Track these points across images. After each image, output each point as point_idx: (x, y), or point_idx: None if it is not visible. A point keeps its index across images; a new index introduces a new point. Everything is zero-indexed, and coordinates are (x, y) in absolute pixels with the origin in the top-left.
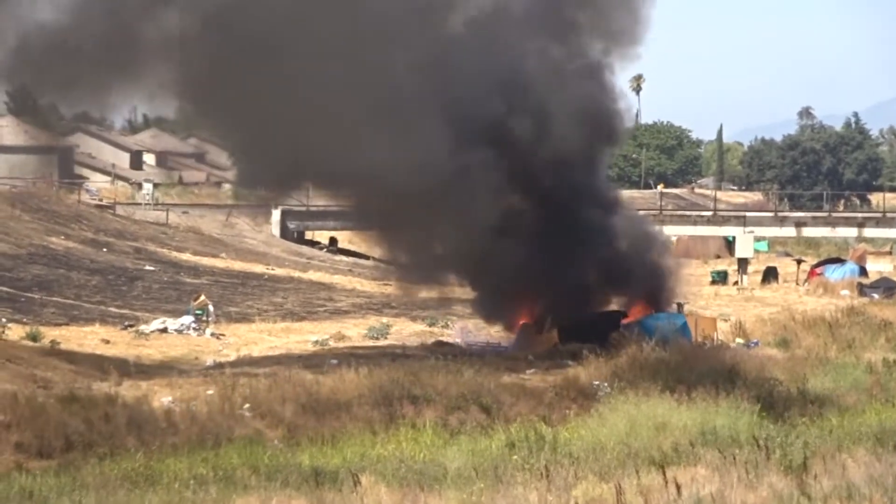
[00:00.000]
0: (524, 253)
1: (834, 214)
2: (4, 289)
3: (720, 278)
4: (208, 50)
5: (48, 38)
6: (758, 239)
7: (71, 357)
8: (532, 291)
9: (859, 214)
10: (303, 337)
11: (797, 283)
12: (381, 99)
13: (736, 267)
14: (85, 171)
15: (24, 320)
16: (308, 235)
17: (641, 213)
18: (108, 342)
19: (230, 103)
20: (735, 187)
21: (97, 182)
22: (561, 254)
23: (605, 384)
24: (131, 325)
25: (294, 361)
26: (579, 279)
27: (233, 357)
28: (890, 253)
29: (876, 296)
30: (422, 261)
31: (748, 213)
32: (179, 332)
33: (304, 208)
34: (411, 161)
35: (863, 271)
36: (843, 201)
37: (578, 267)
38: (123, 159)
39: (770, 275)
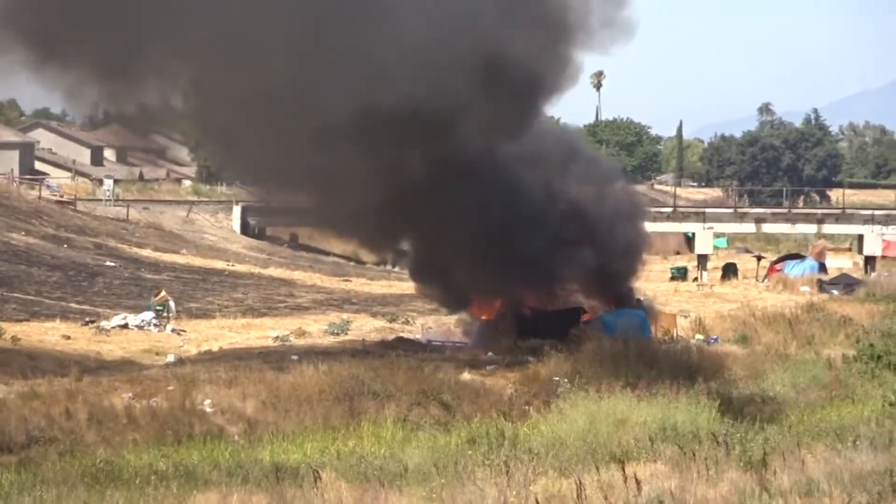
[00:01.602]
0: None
1: (793, 211)
2: None
3: (680, 274)
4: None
5: None
6: (717, 235)
7: (31, 353)
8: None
9: (819, 211)
10: (263, 333)
11: (757, 280)
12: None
13: (695, 263)
14: (45, 167)
15: None
16: (269, 231)
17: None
18: (68, 338)
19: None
20: (695, 184)
21: (58, 178)
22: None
23: (566, 380)
24: (92, 321)
25: (255, 357)
26: (539, 274)
27: (193, 353)
28: (849, 249)
29: (835, 292)
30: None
31: (708, 210)
32: (140, 327)
33: (264, 204)
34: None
35: (822, 268)
36: (802, 197)
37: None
38: (84, 155)
39: (730, 271)
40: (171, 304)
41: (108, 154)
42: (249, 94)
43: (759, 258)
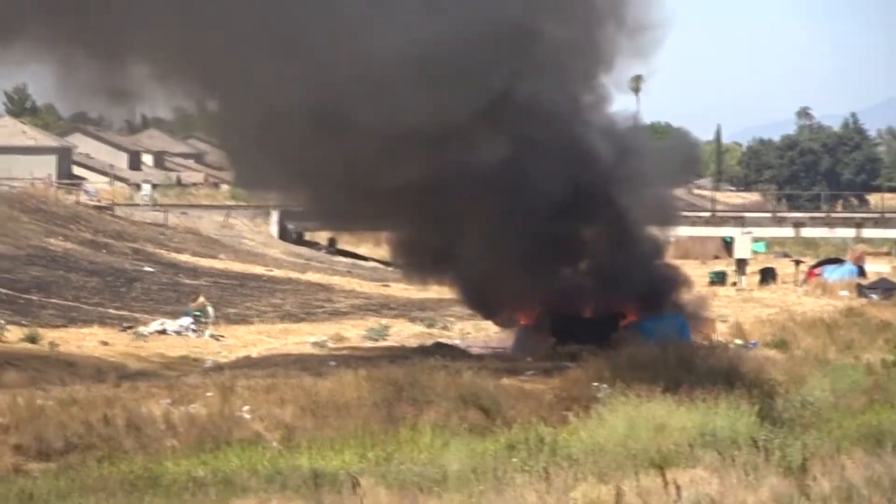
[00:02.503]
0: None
1: (832, 215)
2: (3, 290)
3: (718, 279)
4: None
5: None
6: (756, 240)
7: (70, 359)
8: (527, 291)
9: (857, 215)
10: (301, 338)
11: (795, 284)
12: None
13: (734, 268)
14: (83, 172)
15: (23, 322)
16: (307, 236)
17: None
18: (106, 344)
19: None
20: (733, 188)
21: (95, 183)
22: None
23: (605, 385)
24: (130, 327)
25: (293, 363)
26: (575, 280)
27: (232, 358)
28: (888, 254)
29: (874, 296)
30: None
31: (746, 214)
32: (178, 333)
33: (302, 209)
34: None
35: (861, 272)
36: (841, 202)
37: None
38: (121, 160)
39: (768, 275)
40: (210, 309)
41: (146, 159)
42: (267, 105)
43: (797, 262)
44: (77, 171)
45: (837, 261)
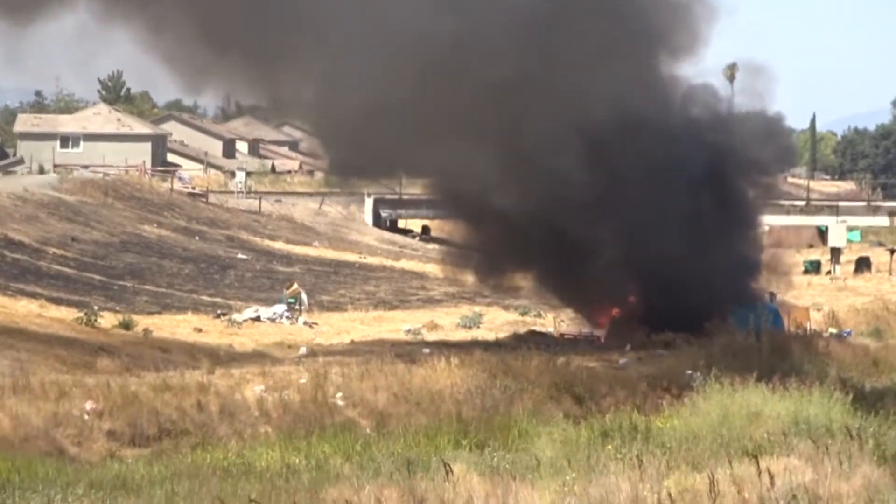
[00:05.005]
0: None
1: None
2: (97, 277)
3: (813, 268)
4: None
5: None
6: (850, 229)
7: (163, 345)
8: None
9: None
10: (395, 326)
11: (890, 273)
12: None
13: (829, 256)
14: (177, 159)
15: (117, 308)
16: (401, 224)
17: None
18: (200, 330)
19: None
20: (828, 177)
21: (189, 170)
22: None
23: (698, 373)
24: (224, 314)
25: (386, 350)
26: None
27: (325, 345)
28: None
29: None
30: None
31: (841, 203)
32: (272, 320)
33: (396, 197)
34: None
35: None
36: None
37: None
38: (216, 147)
39: (863, 264)
40: (304, 296)
41: (241, 146)
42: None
43: (892, 252)
44: (171, 158)
45: None
